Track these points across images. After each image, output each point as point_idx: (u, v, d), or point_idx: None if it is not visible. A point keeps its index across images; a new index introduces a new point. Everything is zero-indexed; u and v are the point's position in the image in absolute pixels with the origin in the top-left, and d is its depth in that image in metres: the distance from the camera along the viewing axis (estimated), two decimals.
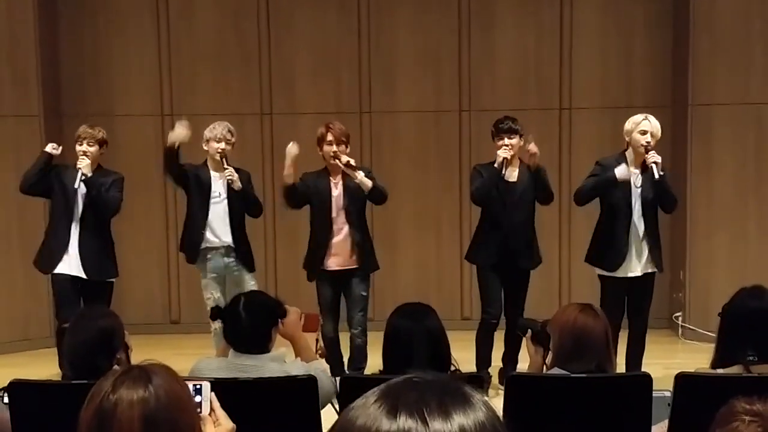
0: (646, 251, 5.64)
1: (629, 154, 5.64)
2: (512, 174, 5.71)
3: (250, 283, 5.90)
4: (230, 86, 7.66)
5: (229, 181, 5.78)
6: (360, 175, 5.62)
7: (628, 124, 5.67)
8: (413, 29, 7.62)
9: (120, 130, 7.65)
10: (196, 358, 3.50)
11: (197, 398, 2.68)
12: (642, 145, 5.52)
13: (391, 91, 7.67)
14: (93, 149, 5.73)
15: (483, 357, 5.83)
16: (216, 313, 3.52)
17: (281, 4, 7.62)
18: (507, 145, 5.62)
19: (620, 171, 5.52)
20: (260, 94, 7.66)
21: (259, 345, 3.40)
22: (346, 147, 5.69)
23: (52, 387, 3.60)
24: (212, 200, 5.86)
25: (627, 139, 5.67)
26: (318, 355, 3.86)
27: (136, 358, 2.05)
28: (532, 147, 5.57)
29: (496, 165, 5.64)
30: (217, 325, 5.68)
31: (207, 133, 5.85)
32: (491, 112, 7.26)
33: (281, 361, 3.42)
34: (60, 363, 5.69)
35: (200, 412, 2.16)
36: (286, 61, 7.64)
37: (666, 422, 3.35)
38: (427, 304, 3.43)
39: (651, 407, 3.32)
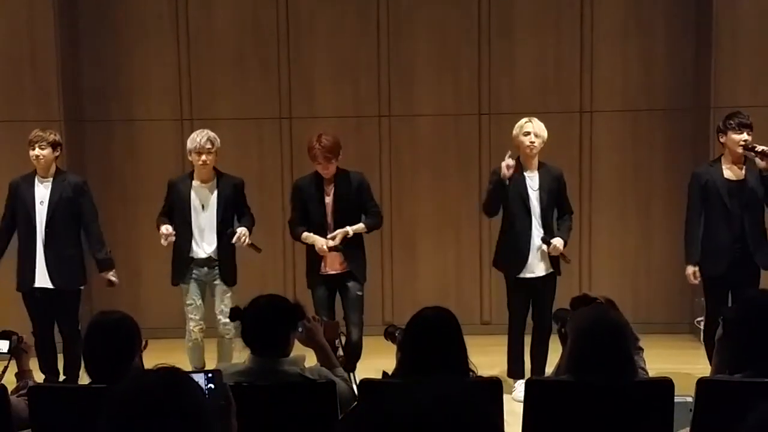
0: (545, 252, 5.79)
1: (522, 159, 5.78)
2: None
3: (226, 296, 5.82)
4: (249, 91, 7.68)
5: (240, 240, 5.74)
6: (351, 232, 5.68)
7: (514, 130, 5.80)
8: (432, 32, 7.61)
9: (140, 134, 7.70)
10: (213, 362, 3.51)
11: (210, 386, 2.69)
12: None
13: (410, 95, 7.66)
14: (45, 152, 5.63)
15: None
16: (236, 313, 3.52)
17: (300, 9, 7.63)
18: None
19: (503, 166, 5.63)
20: (279, 99, 7.68)
21: (278, 349, 3.39)
22: (336, 159, 5.66)
23: (72, 391, 3.62)
24: (193, 213, 5.79)
25: (515, 144, 5.79)
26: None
27: (153, 362, 2.04)
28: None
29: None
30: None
31: (189, 144, 5.77)
32: (511, 116, 7.25)
33: (300, 365, 3.41)
34: (42, 369, 5.73)
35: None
36: (306, 66, 7.66)
37: (688, 428, 3.32)
38: (447, 308, 3.41)
39: (673, 413, 3.29)
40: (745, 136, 5.56)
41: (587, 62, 7.56)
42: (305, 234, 5.74)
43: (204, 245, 5.84)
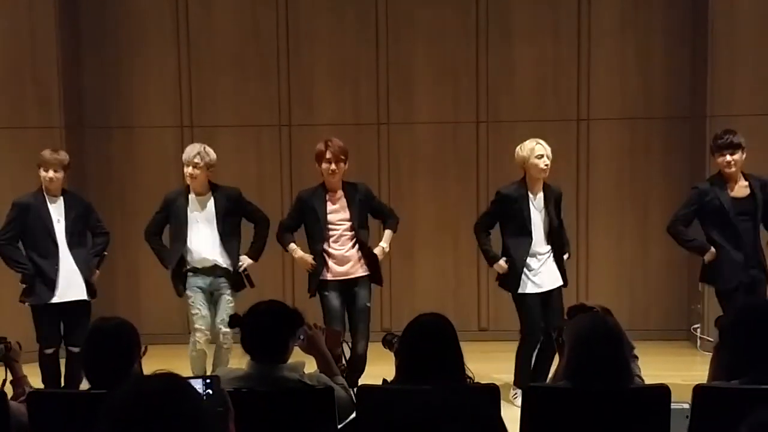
0: (553, 267, 5.77)
1: (528, 180, 5.74)
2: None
3: (229, 306, 5.83)
4: (249, 98, 7.70)
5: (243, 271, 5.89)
6: (387, 248, 5.88)
7: (523, 152, 5.73)
8: (431, 40, 7.64)
9: (140, 141, 7.73)
10: (209, 368, 3.49)
11: (208, 392, 2.70)
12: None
13: (409, 102, 7.69)
14: (59, 174, 5.67)
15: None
16: (235, 320, 3.52)
17: (300, 16, 7.66)
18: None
19: (497, 266, 5.77)
20: (278, 106, 7.71)
21: (277, 355, 3.41)
22: (345, 164, 5.73)
23: (71, 396, 3.63)
24: (191, 227, 5.81)
25: (524, 166, 5.73)
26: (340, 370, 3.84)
27: (152, 367, 2.06)
28: None
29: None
30: (201, 340, 5.77)
31: (183, 156, 5.84)
32: (509, 123, 7.29)
33: (300, 371, 3.42)
34: (44, 380, 5.71)
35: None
36: (305, 73, 7.69)
37: None
38: (443, 315, 3.42)
39: (669, 419, 3.30)
40: (727, 158, 5.56)
41: (584, 71, 7.59)
42: (293, 246, 5.83)
43: (203, 255, 5.85)
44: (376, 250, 5.83)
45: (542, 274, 5.77)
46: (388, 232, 5.91)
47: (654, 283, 7.70)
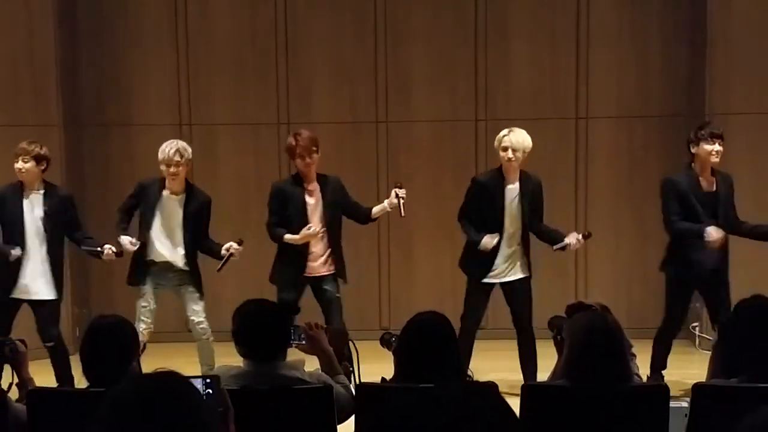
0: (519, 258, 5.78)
1: (503, 169, 5.74)
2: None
3: (194, 296, 5.81)
4: (247, 96, 7.70)
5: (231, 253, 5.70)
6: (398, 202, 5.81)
7: (495, 141, 5.75)
8: (429, 39, 7.64)
9: (138, 139, 7.72)
10: (196, 365, 3.47)
11: (208, 391, 2.69)
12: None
13: (408, 101, 7.69)
14: (28, 165, 5.58)
15: None
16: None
17: (298, 15, 7.66)
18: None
19: (484, 243, 5.68)
20: (277, 104, 7.70)
21: (275, 353, 3.40)
22: (317, 153, 5.70)
23: (70, 394, 3.62)
24: (156, 221, 5.73)
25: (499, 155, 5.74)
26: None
27: (150, 365, 2.05)
28: None
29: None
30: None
31: (159, 155, 5.73)
32: (507, 122, 7.27)
33: (300, 370, 3.42)
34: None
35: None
36: (303, 71, 7.68)
37: None
38: (441, 313, 3.42)
39: (668, 418, 3.31)
40: (717, 146, 5.54)
41: (583, 69, 7.59)
42: (288, 236, 5.71)
43: (164, 250, 5.78)
44: (386, 203, 5.79)
45: (504, 265, 5.79)
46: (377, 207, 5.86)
47: (652, 281, 7.66)
